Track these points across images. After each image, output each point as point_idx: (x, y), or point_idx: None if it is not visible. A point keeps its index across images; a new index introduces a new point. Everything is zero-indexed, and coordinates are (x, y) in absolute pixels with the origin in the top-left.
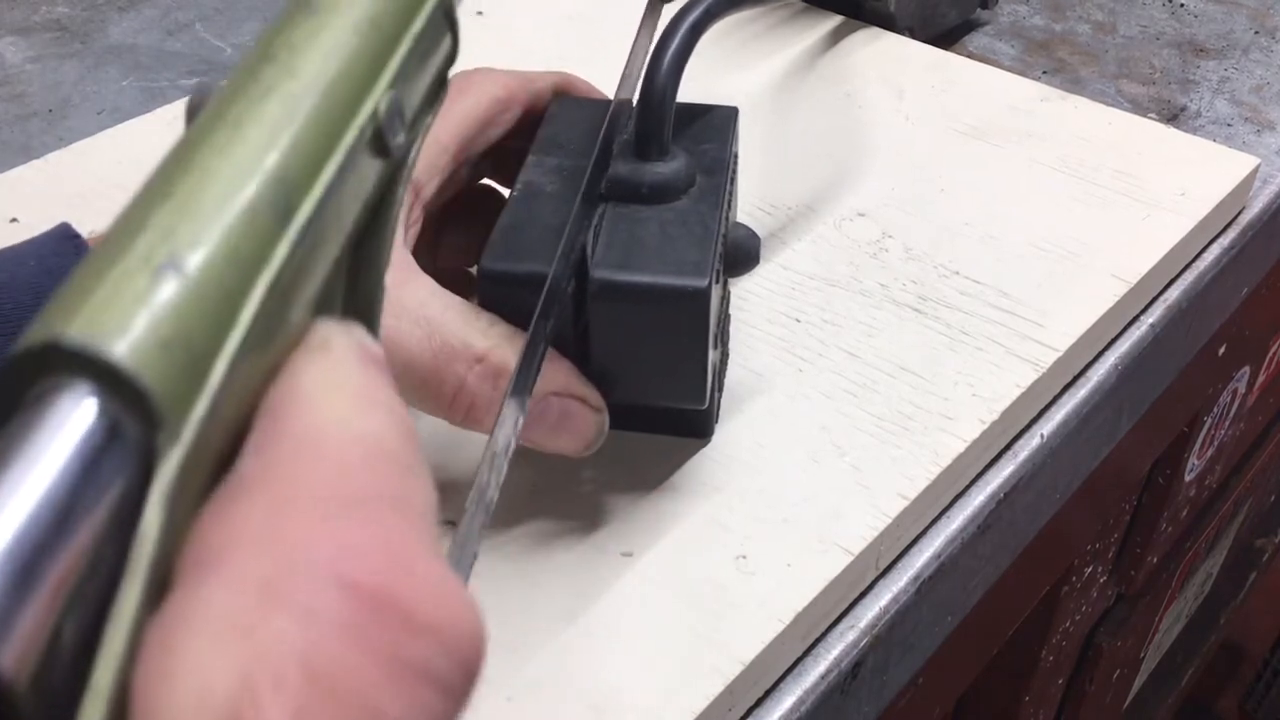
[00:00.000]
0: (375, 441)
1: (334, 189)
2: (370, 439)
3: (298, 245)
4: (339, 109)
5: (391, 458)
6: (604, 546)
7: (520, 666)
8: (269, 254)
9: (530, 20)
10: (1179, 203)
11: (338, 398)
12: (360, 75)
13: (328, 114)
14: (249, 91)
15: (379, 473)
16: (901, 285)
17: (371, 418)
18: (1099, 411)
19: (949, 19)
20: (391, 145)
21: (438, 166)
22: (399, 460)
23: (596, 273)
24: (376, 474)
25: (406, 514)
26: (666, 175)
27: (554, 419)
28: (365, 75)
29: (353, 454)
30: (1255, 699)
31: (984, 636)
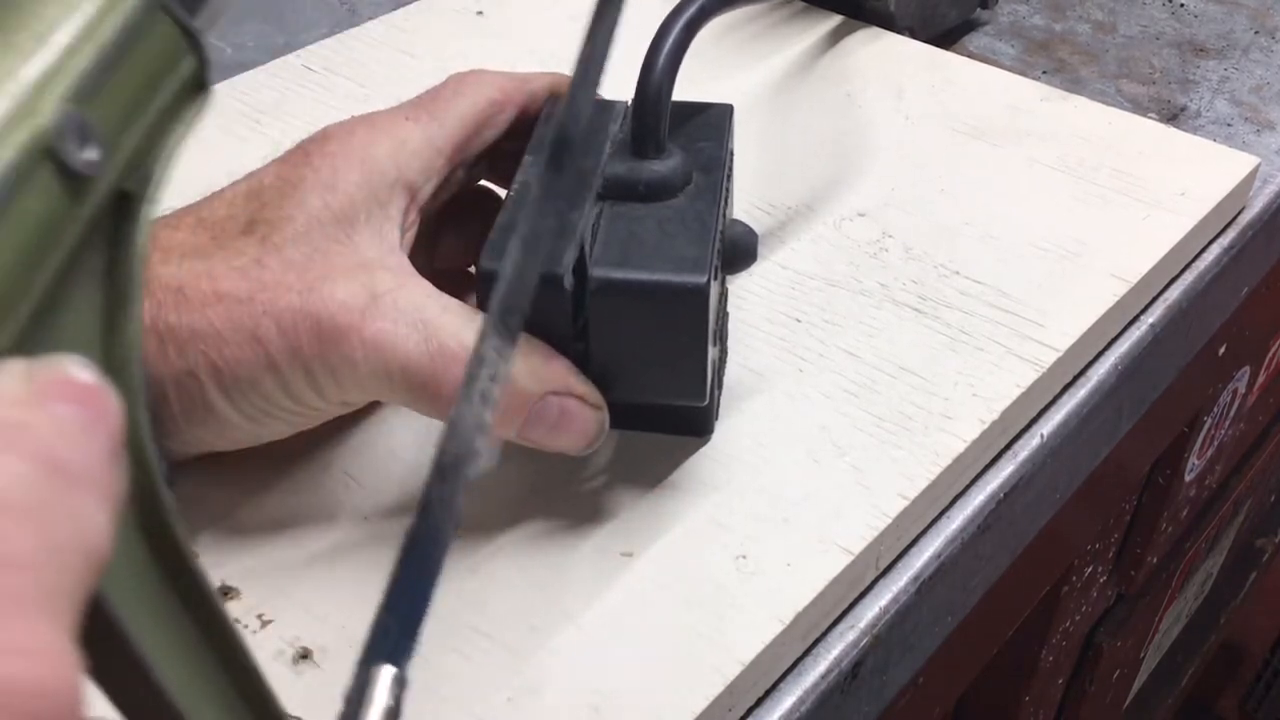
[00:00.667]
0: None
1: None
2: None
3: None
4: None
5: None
6: (604, 546)
7: (520, 667)
8: None
9: (530, 20)
10: (1179, 202)
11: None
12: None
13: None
14: None
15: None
16: (901, 285)
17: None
18: (1099, 411)
19: (949, 19)
20: (74, 164)
21: (433, 169)
22: (9, 510)
23: (595, 271)
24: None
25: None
26: (663, 173)
27: (554, 418)
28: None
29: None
30: (1255, 699)
31: (984, 636)
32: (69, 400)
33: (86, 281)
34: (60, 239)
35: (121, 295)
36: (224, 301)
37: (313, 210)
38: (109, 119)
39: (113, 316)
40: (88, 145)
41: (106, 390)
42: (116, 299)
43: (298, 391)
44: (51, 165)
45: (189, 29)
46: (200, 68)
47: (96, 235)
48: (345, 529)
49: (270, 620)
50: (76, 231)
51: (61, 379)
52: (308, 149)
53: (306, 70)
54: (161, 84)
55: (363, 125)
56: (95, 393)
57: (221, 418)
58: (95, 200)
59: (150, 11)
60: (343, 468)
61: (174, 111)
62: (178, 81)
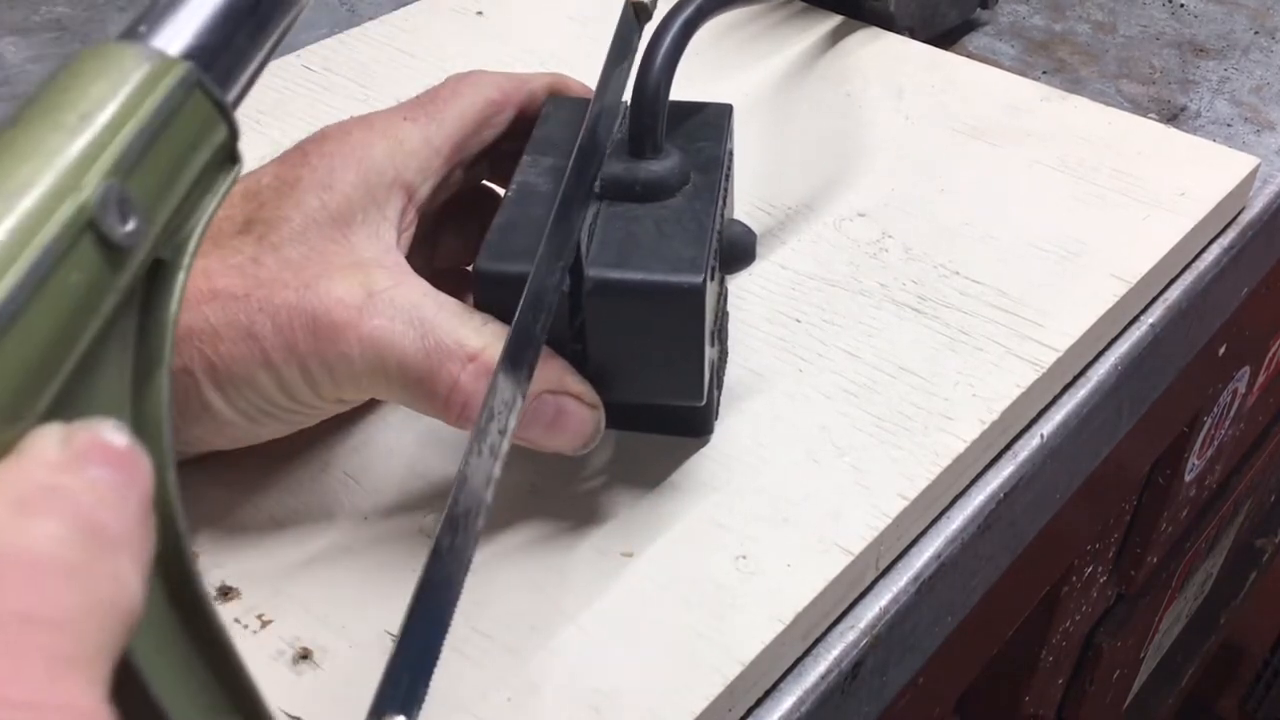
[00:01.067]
0: (16, 553)
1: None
2: (10, 550)
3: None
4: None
5: (38, 569)
6: (604, 546)
7: (520, 667)
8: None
9: (530, 20)
10: (1179, 203)
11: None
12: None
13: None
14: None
15: (10, 587)
16: (901, 285)
17: (28, 528)
18: (1099, 411)
19: (949, 19)
20: (114, 236)
21: (431, 169)
22: (50, 572)
23: (591, 271)
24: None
25: (38, 631)
26: (660, 173)
27: (550, 417)
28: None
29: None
30: (1255, 699)
31: (984, 636)
32: (104, 463)
33: (120, 344)
34: (99, 307)
35: (153, 358)
36: (220, 299)
37: (309, 210)
38: (147, 192)
39: (144, 378)
40: (128, 218)
41: (139, 452)
42: (148, 361)
43: (294, 389)
44: (93, 237)
45: (221, 104)
46: (231, 139)
47: (131, 300)
48: (345, 529)
49: (270, 620)
50: (114, 300)
51: (97, 442)
52: (305, 149)
53: (306, 70)
54: (195, 156)
55: (360, 125)
56: (128, 455)
57: (218, 415)
58: (132, 270)
59: (188, 90)
60: (342, 467)
61: (207, 183)
62: (210, 153)
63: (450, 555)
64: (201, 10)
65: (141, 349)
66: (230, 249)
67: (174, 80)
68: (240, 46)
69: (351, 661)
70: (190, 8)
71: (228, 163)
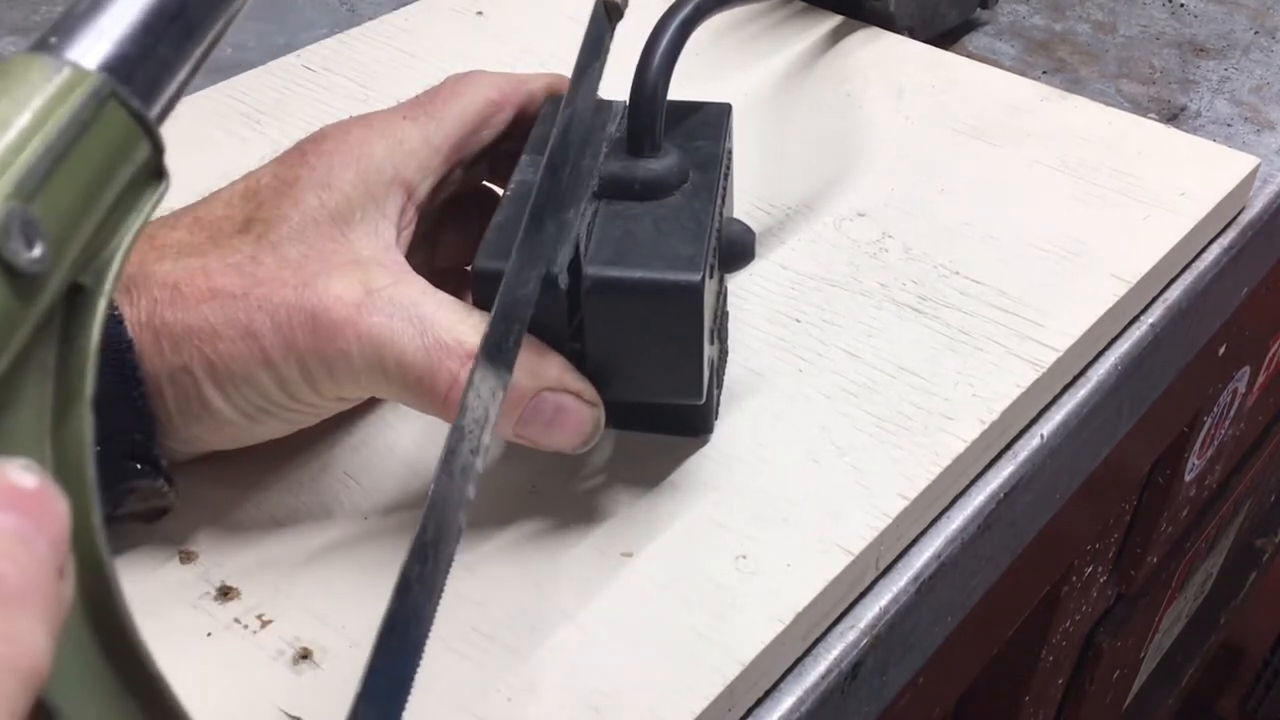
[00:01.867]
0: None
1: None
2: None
3: None
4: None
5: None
6: (603, 546)
7: (519, 667)
8: None
9: (530, 20)
10: (1179, 203)
11: None
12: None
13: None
14: None
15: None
16: (901, 285)
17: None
18: (1099, 411)
19: (949, 19)
20: (19, 263)
21: (430, 168)
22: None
23: (590, 269)
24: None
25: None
26: (659, 172)
27: (549, 415)
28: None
29: None
30: (1255, 699)
31: (984, 636)
32: (8, 507)
33: (37, 377)
34: (6, 340)
35: (73, 390)
36: (219, 297)
37: (309, 209)
38: (57, 214)
39: (63, 412)
40: (34, 243)
41: (51, 493)
42: (67, 394)
43: (293, 387)
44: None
45: (141, 117)
46: (155, 155)
47: (48, 329)
48: (345, 528)
49: (270, 620)
50: (25, 331)
51: (1, 485)
52: (304, 149)
53: (306, 70)
54: (114, 174)
55: (359, 125)
56: (38, 497)
57: (217, 414)
58: (45, 299)
59: (101, 102)
60: (342, 467)
61: (129, 202)
62: (132, 170)
63: (420, 585)
64: (120, 20)
65: (61, 382)
66: (229, 248)
67: (86, 93)
68: (164, 57)
69: (351, 661)
70: (108, 17)
71: (153, 179)
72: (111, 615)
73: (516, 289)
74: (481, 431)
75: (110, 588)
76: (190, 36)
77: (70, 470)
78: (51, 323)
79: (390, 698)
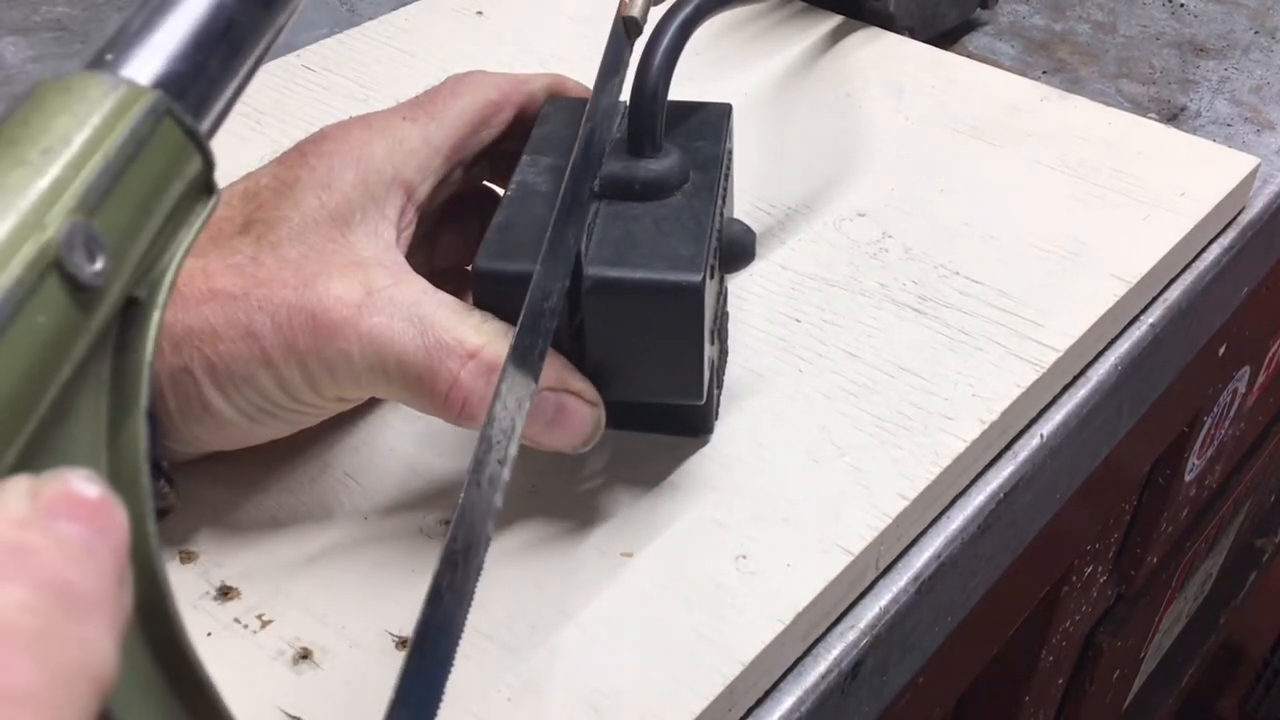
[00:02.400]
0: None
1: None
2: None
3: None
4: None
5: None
6: (604, 546)
7: (520, 667)
8: None
9: (530, 20)
10: (1179, 203)
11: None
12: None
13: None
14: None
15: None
16: (901, 285)
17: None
18: (1099, 411)
19: (949, 19)
20: (81, 276)
21: (430, 168)
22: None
23: (590, 269)
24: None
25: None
26: (659, 172)
27: (550, 415)
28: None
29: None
30: (1255, 699)
31: (984, 636)
32: (74, 518)
33: (93, 389)
34: (68, 351)
35: (128, 402)
36: (219, 298)
37: (308, 209)
38: (116, 228)
39: (119, 423)
40: (95, 257)
41: (112, 503)
42: (123, 406)
43: (294, 387)
44: (58, 278)
45: (194, 133)
46: (206, 170)
47: (104, 343)
48: (345, 528)
49: (270, 620)
50: (85, 343)
51: (67, 494)
52: (304, 149)
53: (306, 70)
54: (168, 189)
55: (359, 125)
56: (100, 508)
57: (218, 415)
58: (103, 311)
59: (156, 119)
60: (342, 467)
61: (181, 216)
62: (184, 185)
63: (451, 593)
64: (172, 37)
65: (116, 393)
66: (229, 249)
67: (143, 110)
68: (213, 73)
69: (351, 661)
70: (160, 34)
71: (203, 194)
72: (165, 623)
73: (541, 301)
74: (509, 442)
75: (163, 595)
76: (238, 53)
77: (125, 479)
78: (108, 335)
79: (423, 703)
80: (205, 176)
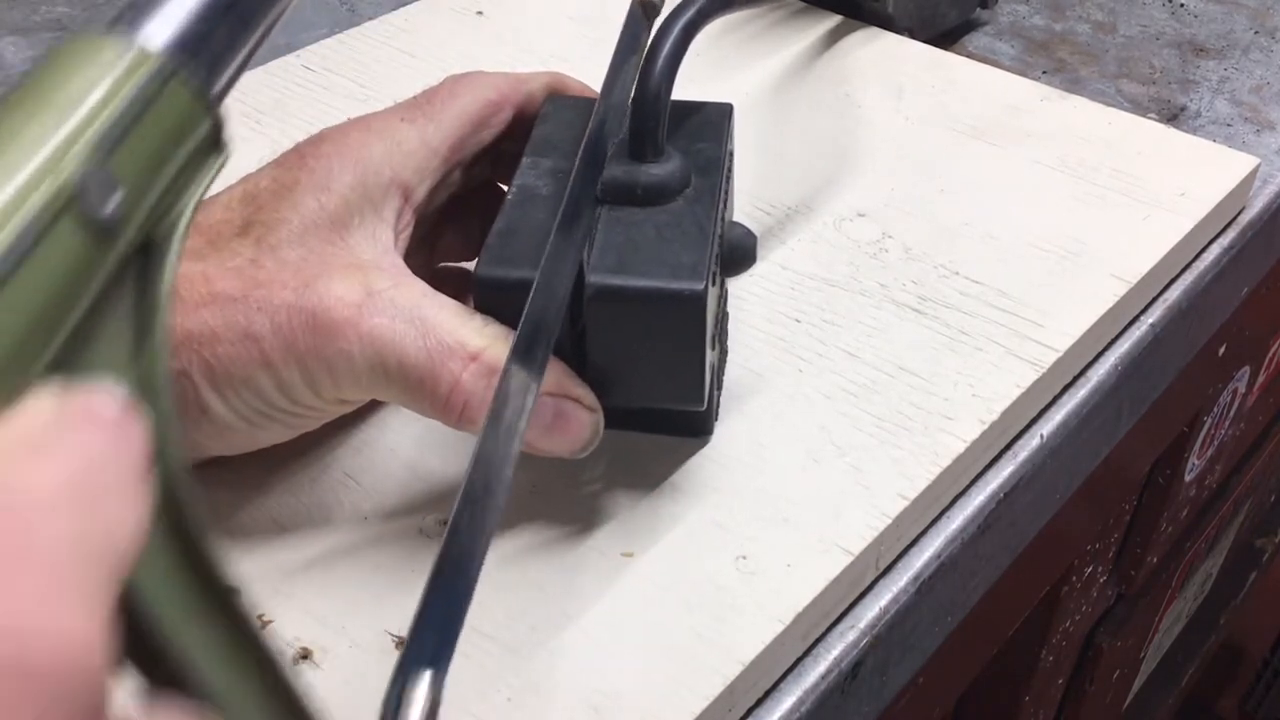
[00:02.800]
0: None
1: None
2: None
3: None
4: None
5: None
6: (604, 547)
7: (520, 667)
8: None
9: (530, 20)
10: (1179, 203)
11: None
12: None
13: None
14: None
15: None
16: (901, 285)
17: (25, 472)
18: (1099, 411)
19: (949, 19)
20: (98, 214)
21: (428, 169)
22: (48, 511)
23: (592, 277)
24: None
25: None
26: (661, 177)
27: (548, 420)
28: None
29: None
30: (1255, 699)
31: (984, 636)
32: (100, 420)
33: (117, 317)
34: (87, 283)
35: (149, 326)
36: (218, 301)
37: (307, 212)
38: (128, 174)
39: (141, 345)
40: (109, 198)
41: (134, 412)
42: (144, 329)
43: (293, 390)
44: (75, 216)
45: (203, 95)
46: (215, 129)
47: (125, 275)
48: (345, 529)
49: (270, 620)
50: (105, 274)
51: (94, 399)
52: (303, 150)
53: (306, 70)
54: (180, 145)
55: (357, 127)
56: (125, 411)
57: (217, 419)
58: (120, 248)
59: (164, 80)
60: (342, 468)
61: (192, 170)
62: (195, 142)
63: (468, 530)
64: (183, 4)
65: (138, 319)
66: (229, 252)
67: (151, 72)
68: (224, 39)
69: (351, 661)
70: (172, 2)
71: (214, 151)
72: (185, 525)
73: (542, 307)
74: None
75: (183, 500)
76: (249, 21)
77: (148, 392)
78: (127, 271)
79: (447, 619)
80: (215, 135)
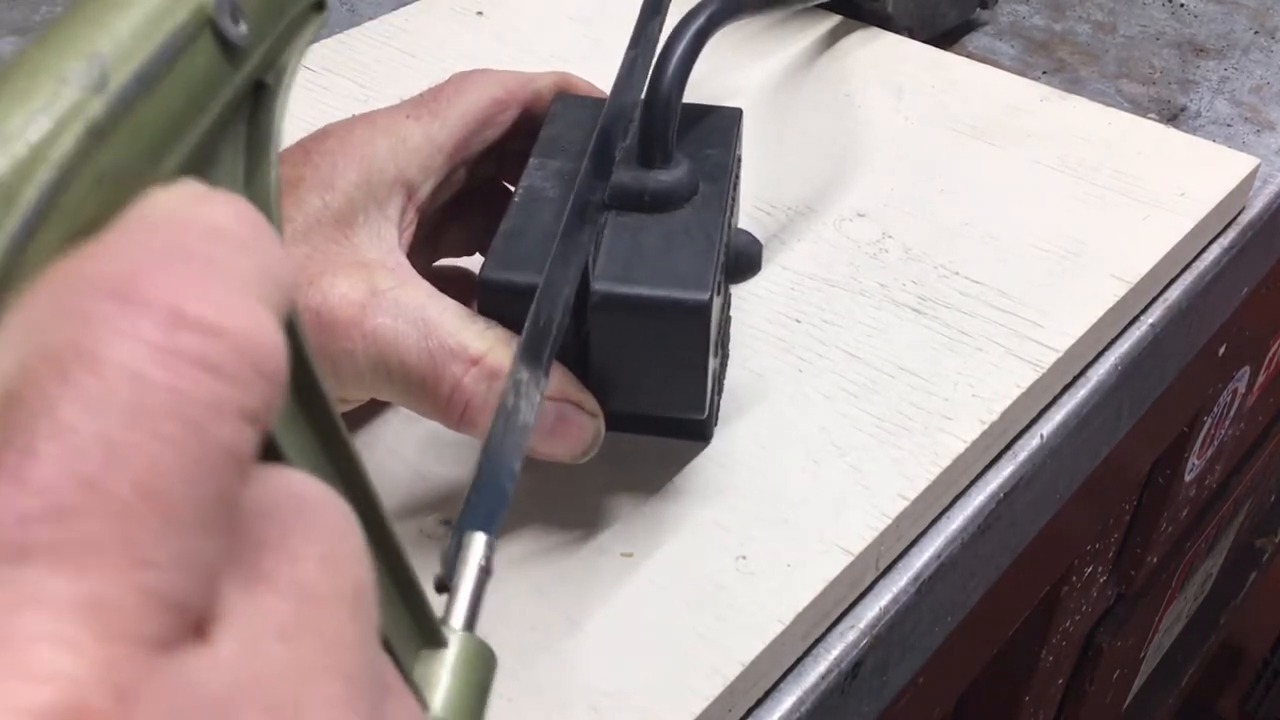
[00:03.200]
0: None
1: (163, 57)
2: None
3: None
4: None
5: (217, 230)
6: (605, 548)
7: (521, 668)
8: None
9: (530, 20)
10: (1179, 203)
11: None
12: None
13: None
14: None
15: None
16: (901, 285)
17: (202, 206)
18: (1099, 411)
19: (948, 19)
20: (229, 34)
21: (433, 167)
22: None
23: (597, 284)
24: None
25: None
26: (669, 184)
27: (549, 424)
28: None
29: None
30: (1255, 699)
31: (984, 636)
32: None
33: (232, 144)
34: (218, 94)
35: (261, 154)
36: None
37: (312, 210)
38: (253, 9)
39: (253, 172)
40: (238, 23)
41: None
42: (257, 157)
43: None
44: (211, 32)
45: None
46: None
47: (241, 108)
48: None
49: None
50: (229, 93)
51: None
52: (307, 147)
53: (306, 70)
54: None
55: (362, 123)
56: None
57: None
58: (244, 70)
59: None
60: None
61: (299, 24)
62: (302, 6)
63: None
64: None
65: (251, 149)
66: None
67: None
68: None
69: None
70: None
71: (315, 11)
72: (303, 358)
73: (546, 313)
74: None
75: (302, 343)
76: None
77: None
78: (243, 105)
79: (497, 486)
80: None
